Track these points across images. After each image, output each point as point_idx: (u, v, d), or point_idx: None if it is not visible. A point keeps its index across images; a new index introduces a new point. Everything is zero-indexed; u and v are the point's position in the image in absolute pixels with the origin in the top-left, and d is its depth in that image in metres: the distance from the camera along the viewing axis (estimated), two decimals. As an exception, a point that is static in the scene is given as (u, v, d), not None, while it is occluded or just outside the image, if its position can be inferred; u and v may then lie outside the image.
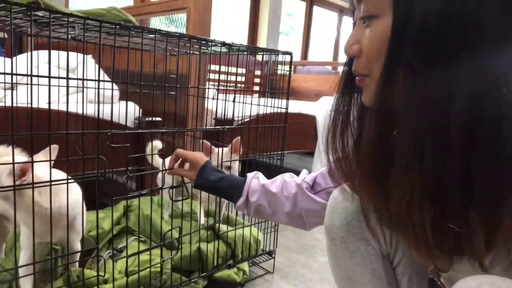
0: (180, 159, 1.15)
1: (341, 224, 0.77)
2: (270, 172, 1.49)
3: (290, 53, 1.40)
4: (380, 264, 0.77)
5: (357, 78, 0.62)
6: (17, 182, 0.89)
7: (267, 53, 1.39)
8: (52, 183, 0.92)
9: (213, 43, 1.19)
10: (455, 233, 0.50)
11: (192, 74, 1.81)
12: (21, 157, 0.97)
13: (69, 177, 0.96)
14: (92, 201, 1.02)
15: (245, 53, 1.46)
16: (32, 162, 0.89)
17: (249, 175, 1.05)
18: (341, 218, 0.77)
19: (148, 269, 1.15)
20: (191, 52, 1.64)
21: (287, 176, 1.03)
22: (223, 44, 1.20)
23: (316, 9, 5.36)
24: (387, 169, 0.53)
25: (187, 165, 1.14)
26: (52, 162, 0.96)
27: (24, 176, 0.90)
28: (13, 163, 0.87)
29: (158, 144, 1.70)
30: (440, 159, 0.48)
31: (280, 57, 1.44)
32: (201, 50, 1.54)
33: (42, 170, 0.94)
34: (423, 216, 0.51)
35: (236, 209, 1.05)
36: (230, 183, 1.04)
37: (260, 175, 1.06)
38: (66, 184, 0.96)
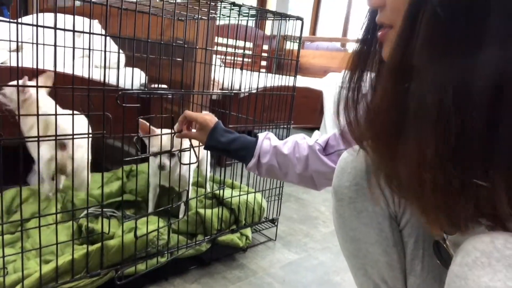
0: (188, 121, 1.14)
1: (349, 184, 0.77)
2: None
3: (301, 18, 1.37)
4: (387, 225, 0.77)
5: (379, 32, 0.60)
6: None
7: (277, 17, 1.36)
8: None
9: (222, 3, 1.16)
10: (474, 197, 0.48)
11: (200, 40, 1.78)
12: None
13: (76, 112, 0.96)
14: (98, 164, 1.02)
15: (254, 19, 1.43)
16: (37, 87, 0.92)
17: (260, 135, 1.05)
18: (350, 179, 0.77)
19: (151, 229, 1.15)
20: (199, 16, 1.61)
21: (299, 138, 1.02)
22: (233, 4, 1.17)
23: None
24: (400, 126, 0.51)
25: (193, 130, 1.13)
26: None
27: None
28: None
29: None
30: (461, 114, 0.45)
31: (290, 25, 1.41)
32: (210, 14, 1.51)
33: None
34: (437, 177, 0.49)
35: (247, 170, 1.05)
36: (241, 145, 1.03)
37: (271, 135, 1.06)
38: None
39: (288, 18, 1.36)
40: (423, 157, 0.48)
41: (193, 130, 1.16)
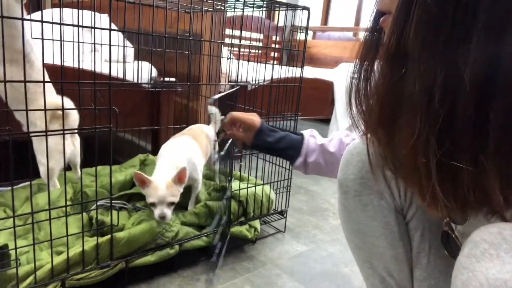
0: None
1: (355, 177, 0.76)
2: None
3: (307, 8, 1.36)
4: (393, 218, 0.76)
5: (381, 18, 0.60)
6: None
7: (283, 8, 1.35)
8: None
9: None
10: (466, 182, 0.48)
11: (207, 32, 1.78)
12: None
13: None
14: (107, 156, 1.03)
15: (260, 9, 1.42)
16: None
17: (305, 133, 1.07)
18: (355, 171, 0.76)
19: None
20: (206, 8, 1.61)
21: (344, 135, 1.04)
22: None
23: (338, -28, 5.16)
24: (397, 111, 0.51)
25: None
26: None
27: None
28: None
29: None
30: (450, 100, 0.46)
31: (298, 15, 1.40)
32: (215, 6, 1.51)
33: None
34: (429, 160, 0.49)
35: (294, 168, 1.08)
36: (288, 144, 1.05)
37: (315, 132, 1.08)
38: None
39: (294, 8, 1.35)
40: (415, 143, 0.48)
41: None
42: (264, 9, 1.46)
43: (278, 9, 1.41)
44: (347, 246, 0.86)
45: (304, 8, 1.36)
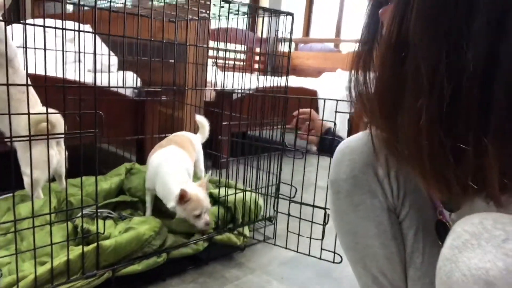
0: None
1: (346, 177, 0.76)
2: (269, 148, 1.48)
3: (291, 14, 1.37)
4: (386, 218, 0.76)
5: (380, 10, 0.61)
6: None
7: (267, 14, 1.36)
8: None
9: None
10: (468, 164, 0.49)
11: (192, 40, 1.78)
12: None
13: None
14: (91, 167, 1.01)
15: (245, 16, 1.43)
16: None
17: None
18: (347, 171, 0.76)
19: (147, 228, 1.15)
20: (190, 17, 1.61)
21: None
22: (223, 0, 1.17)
23: (318, -15, 5.26)
24: (399, 96, 0.53)
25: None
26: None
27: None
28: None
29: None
30: (454, 81, 0.47)
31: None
32: (200, 14, 1.51)
33: None
34: (432, 142, 0.49)
35: None
36: None
37: None
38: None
39: (278, 14, 1.37)
40: (419, 125, 0.49)
41: None
42: (248, 16, 1.47)
43: (262, 15, 1.42)
44: (337, 250, 0.86)
45: (288, 13, 1.37)
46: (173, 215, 1.37)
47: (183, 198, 1.21)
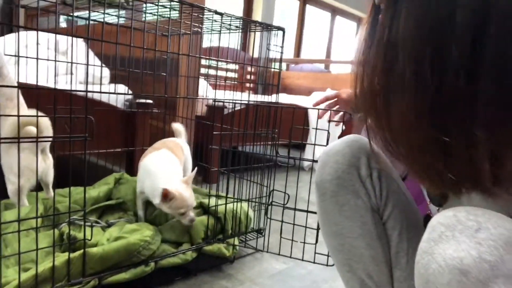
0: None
1: (331, 178, 0.77)
2: (261, 160, 1.49)
3: (282, 29, 1.40)
4: (370, 218, 0.77)
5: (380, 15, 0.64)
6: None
7: (259, 28, 1.39)
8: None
9: (205, 12, 1.19)
10: (458, 156, 0.50)
11: (184, 56, 1.80)
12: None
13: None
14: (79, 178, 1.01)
15: (237, 31, 1.46)
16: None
17: None
18: (331, 172, 0.78)
19: (137, 238, 1.13)
20: (183, 31, 1.64)
21: None
22: (215, 12, 1.20)
23: (309, 8, 5.39)
24: (389, 92, 0.55)
25: None
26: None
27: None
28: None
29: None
30: (440, 70, 0.49)
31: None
32: (192, 29, 1.54)
33: None
34: (419, 137, 0.51)
35: None
36: None
37: None
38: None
39: (270, 29, 1.40)
40: (406, 118, 0.51)
41: None
42: (240, 31, 1.50)
43: (254, 30, 1.45)
44: (327, 264, 0.86)
45: (279, 28, 1.40)
46: (164, 221, 1.37)
47: (166, 196, 1.23)
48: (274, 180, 1.52)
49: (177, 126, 1.67)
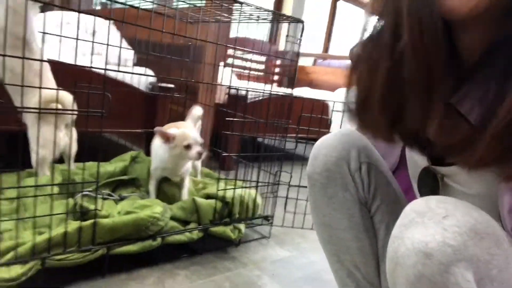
0: None
1: (320, 170, 0.80)
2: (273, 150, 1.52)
3: (302, 21, 1.42)
4: (357, 210, 0.79)
5: None
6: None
7: (277, 17, 1.41)
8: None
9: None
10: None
11: (208, 43, 1.84)
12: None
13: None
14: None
15: (252, 21, 1.48)
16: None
17: None
18: (321, 165, 0.80)
19: (147, 214, 1.18)
20: (208, 19, 1.68)
21: None
22: (234, 1, 1.23)
23: (341, 3, 5.33)
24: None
25: None
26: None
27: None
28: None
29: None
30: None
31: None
32: (218, 17, 1.57)
33: None
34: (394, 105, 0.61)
35: None
36: None
37: None
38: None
39: (289, 21, 1.42)
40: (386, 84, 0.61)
41: None
42: (257, 21, 1.52)
43: (270, 21, 1.47)
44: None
45: (298, 20, 1.42)
46: (175, 199, 1.43)
47: (166, 138, 1.33)
48: (281, 166, 1.55)
49: (195, 111, 1.71)
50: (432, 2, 0.51)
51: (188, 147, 1.34)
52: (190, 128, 1.40)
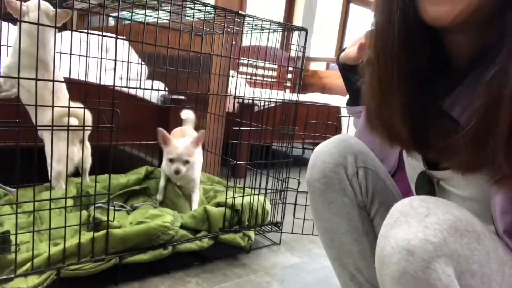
0: None
1: (319, 176, 0.82)
2: (278, 156, 1.54)
3: (305, 30, 1.45)
4: (356, 214, 0.81)
5: None
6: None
7: (281, 27, 1.44)
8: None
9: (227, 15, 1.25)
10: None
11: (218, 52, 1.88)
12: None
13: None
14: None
15: (258, 32, 1.52)
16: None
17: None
18: (319, 171, 0.82)
19: (157, 223, 1.22)
20: (214, 31, 1.72)
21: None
22: (237, 14, 1.26)
23: (353, 6, 5.33)
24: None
25: None
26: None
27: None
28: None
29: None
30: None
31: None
32: (225, 29, 1.61)
33: None
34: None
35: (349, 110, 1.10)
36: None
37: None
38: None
39: (292, 29, 1.44)
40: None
41: None
42: (261, 31, 1.55)
43: (274, 30, 1.50)
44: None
45: (301, 29, 1.45)
46: (182, 211, 1.46)
47: (161, 138, 1.42)
48: (288, 173, 1.58)
49: (186, 114, 1.77)
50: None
51: (171, 160, 1.43)
52: (188, 139, 1.47)
